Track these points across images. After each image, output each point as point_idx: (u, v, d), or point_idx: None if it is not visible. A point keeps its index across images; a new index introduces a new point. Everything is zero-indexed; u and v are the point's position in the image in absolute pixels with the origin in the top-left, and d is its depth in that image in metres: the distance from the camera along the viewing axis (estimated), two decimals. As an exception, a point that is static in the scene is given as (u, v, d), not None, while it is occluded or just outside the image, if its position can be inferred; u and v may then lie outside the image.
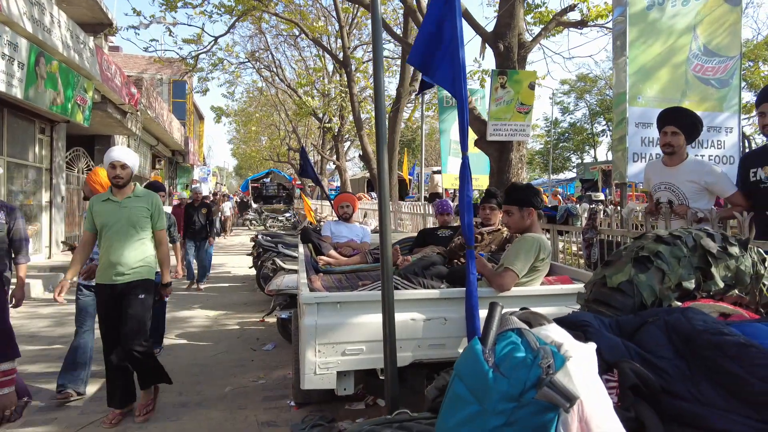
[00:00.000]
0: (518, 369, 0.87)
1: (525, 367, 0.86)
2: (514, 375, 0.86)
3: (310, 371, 2.51)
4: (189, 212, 8.77)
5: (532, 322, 1.10)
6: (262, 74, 20.05)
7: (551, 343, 0.93)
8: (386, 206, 2.10)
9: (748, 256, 1.64)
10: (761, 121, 2.91)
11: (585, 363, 0.90)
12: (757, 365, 1.15)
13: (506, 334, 0.98)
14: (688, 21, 4.70)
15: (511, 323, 1.03)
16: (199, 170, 32.49)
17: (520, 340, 0.96)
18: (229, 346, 5.66)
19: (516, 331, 0.99)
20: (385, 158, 2.04)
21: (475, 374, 0.91)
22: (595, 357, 1.00)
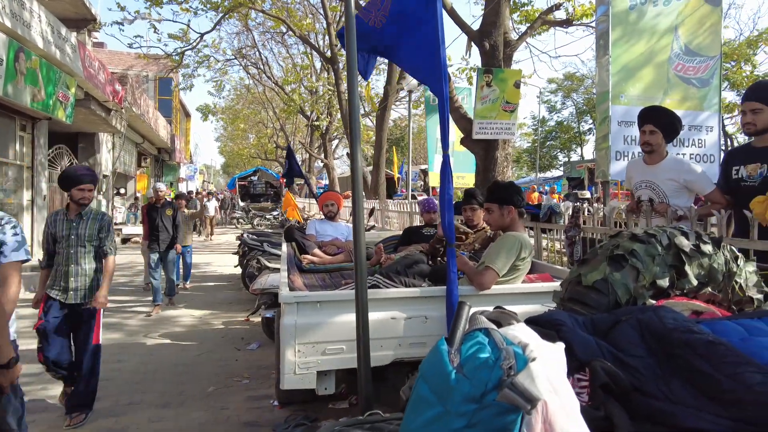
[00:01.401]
0: (480, 370, 0.86)
1: (487, 369, 0.85)
2: (476, 376, 0.85)
3: (290, 371, 2.50)
4: (150, 215, 7.30)
5: (501, 322, 1.09)
6: (249, 71, 19.91)
7: (518, 343, 0.93)
8: (360, 206, 2.09)
9: (721, 254, 1.66)
10: (743, 119, 2.94)
11: (551, 364, 0.89)
12: (724, 363, 1.15)
13: (473, 334, 0.97)
14: (670, 21, 4.74)
15: (479, 323, 1.03)
16: (185, 168, 32.21)
17: (486, 340, 0.95)
18: (214, 345, 5.61)
19: (483, 331, 0.99)
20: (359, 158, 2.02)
21: (438, 375, 0.90)
22: (564, 357, 0.99)
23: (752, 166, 2.94)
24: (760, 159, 2.91)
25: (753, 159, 2.94)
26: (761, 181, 2.88)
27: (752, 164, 2.94)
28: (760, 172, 2.89)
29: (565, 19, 8.02)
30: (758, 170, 2.91)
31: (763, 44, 14.73)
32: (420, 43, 2.73)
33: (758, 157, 2.92)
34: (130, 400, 4.10)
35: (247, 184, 25.81)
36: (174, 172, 28.15)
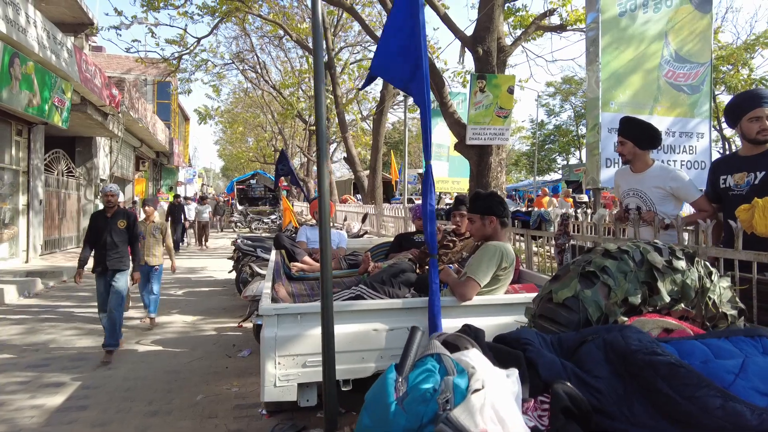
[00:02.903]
0: (417, 403, 0.85)
1: (424, 402, 0.84)
2: (413, 410, 0.84)
3: (270, 383, 2.48)
4: (94, 227, 5.48)
5: (459, 345, 1.08)
6: (246, 75, 19.93)
7: (468, 369, 0.91)
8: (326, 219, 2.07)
9: (694, 270, 1.64)
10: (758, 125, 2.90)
11: (498, 392, 0.88)
12: (684, 385, 1.14)
13: (424, 360, 0.96)
14: (660, 28, 4.73)
15: (432, 348, 1.01)
16: (184, 172, 32.21)
17: (438, 367, 0.94)
18: (205, 352, 5.59)
19: (435, 357, 0.97)
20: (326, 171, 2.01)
21: (379, 406, 0.89)
22: (516, 384, 0.98)
23: (739, 175, 2.93)
24: (746, 168, 2.90)
25: (739, 168, 2.94)
26: (748, 190, 2.86)
27: (739, 173, 2.93)
28: (747, 181, 2.88)
29: (559, 24, 8.02)
30: (745, 179, 2.90)
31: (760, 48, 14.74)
32: (402, 51, 2.73)
33: (745, 165, 2.91)
34: (118, 408, 4.08)
35: (245, 188, 25.81)
36: (172, 175, 28.15)
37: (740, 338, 1.36)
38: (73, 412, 3.95)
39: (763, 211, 2.30)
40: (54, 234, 11.76)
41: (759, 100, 2.90)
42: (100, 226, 5.45)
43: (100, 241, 5.36)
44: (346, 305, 2.66)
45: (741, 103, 2.96)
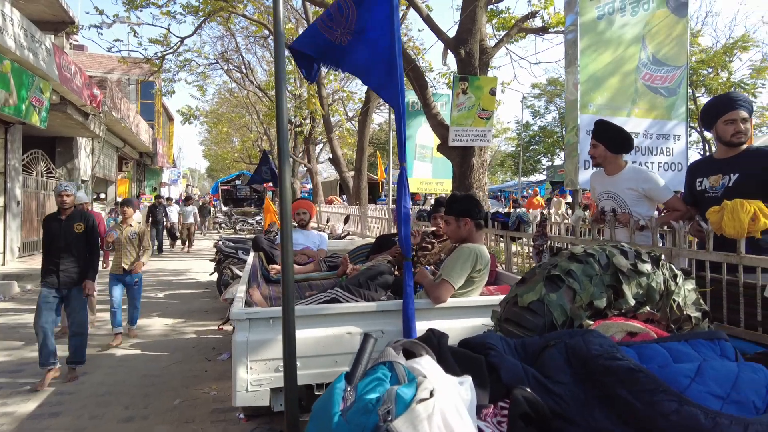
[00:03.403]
0: (359, 414, 0.83)
1: (366, 413, 0.82)
2: (355, 421, 0.82)
3: (242, 388, 2.45)
4: (49, 230, 4.75)
5: (415, 352, 1.07)
6: (231, 75, 19.79)
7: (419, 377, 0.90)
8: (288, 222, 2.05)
9: (660, 273, 1.65)
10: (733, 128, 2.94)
11: (446, 401, 0.86)
12: (642, 390, 1.14)
13: (376, 369, 0.95)
14: (637, 31, 4.78)
15: (385, 355, 1.00)
16: (169, 172, 31.89)
17: (389, 375, 0.93)
18: (185, 355, 5.52)
19: (387, 365, 0.96)
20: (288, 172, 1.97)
21: (323, 417, 0.87)
22: (470, 392, 0.97)
23: (714, 178, 2.96)
24: (721, 170, 2.93)
25: (715, 170, 2.97)
26: (723, 192, 2.89)
27: (714, 175, 2.97)
28: (722, 183, 2.91)
29: (541, 27, 8.08)
30: (720, 181, 2.93)
31: (738, 51, 15.01)
32: (377, 54, 2.71)
33: (720, 168, 2.94)
34: (92, 414, 4.01)
35: (230, 189, 25.61)
36: (156, 176, 27.85)
37: (700, 341, 1.36)
38: (46, 419, 3.87)
39: (732, 213, 2.33)
40: (33, 236, 11.54)
41: (734, 102, 2.94)
42: (54, 231, 4.71)
43: (53, 249, 4.66)
44: (320, 309, 2.64)
45: (716, 105, 3.00)
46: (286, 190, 1.99)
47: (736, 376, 1.19)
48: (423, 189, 10.01)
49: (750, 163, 2.80)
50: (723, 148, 2.97)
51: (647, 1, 4.81)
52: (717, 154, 3.03)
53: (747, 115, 2.88)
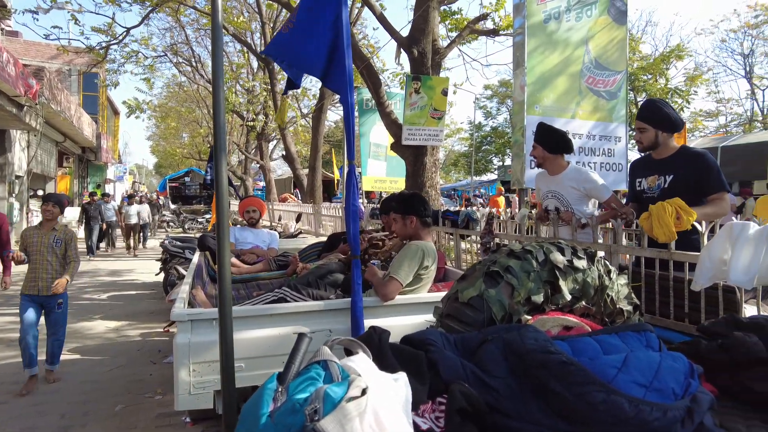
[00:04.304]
0: (286, 415, 0.82)
1: (293, 413, 0.81)
2: (282, 421, 0.81)
3: (184, 391, 2.38)
4: None
5: (351, 350, 1.06)
6: (181, 69, 19.14)
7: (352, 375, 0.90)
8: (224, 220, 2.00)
9: (594, 269, 1.72)
10: (637, 136, 3.10)
11: (379, 399, 0.86)
12: (573, 383, 1.18)
13: (309, 368, 0.94)
14: (581, 35, 4.97)
15: (319, 354, 0.99)
16: (114, 169, 30.53)
17: (323, 374, 0.92)
18: (129, 359, 5.30)
19: (322, 364, 0.95)
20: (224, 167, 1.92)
21: (251, 418, 0.86)
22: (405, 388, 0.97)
23: (651, 178, 3.08)
24: (657, 171, 3.05)
25: (652, 171, 3.09)
26: (659, 193, 3.00)
27: (651, 176, 3.08)
28: (658, 184, 3.03)
29: (492, 29, 8.25)
30: (656, 182, 3.05)
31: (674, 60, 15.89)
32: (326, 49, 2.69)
33: (656, 169, 3.06)
34: (23, 426, 3.78)
35: (179, 186, 24.76)
36: (101, 172, 26.59)
37: (628, 333, 1.43)
38: None
39: (658, 218, 2.44)
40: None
41: (639, 112, 3.11)
42: None
43: None
44: (266, 309, 2.59)
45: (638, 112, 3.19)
46: (223, 187, 1.94)
47: (658, 366, 1.26)
48: (377, 187, 10.03)
49: (683, 165, 2.92)
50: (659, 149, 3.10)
51: (590, 8, 5.00)
52: (654, 154, 3.13)
53: (644, 125, 3.02)
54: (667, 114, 2.98)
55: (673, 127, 2.99)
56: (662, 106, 3.05)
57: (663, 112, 2.99)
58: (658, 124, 2.99)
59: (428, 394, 1.25)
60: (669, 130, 2.99)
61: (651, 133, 3.01)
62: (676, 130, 3.01)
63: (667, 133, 3.00)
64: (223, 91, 1.97)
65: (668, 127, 2.98)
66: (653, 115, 3.00)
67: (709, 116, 26.34)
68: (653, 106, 3.06)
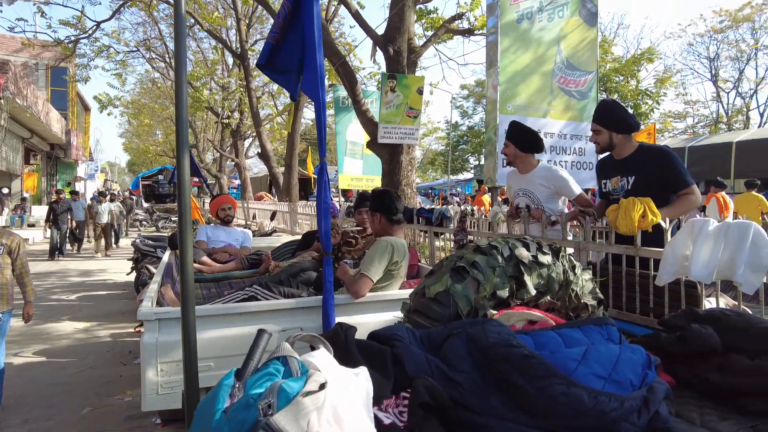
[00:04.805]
0: (240, 410, 0.82)
1: (247, 408, 0.81)
2: (236, 417, 0.81)
3: (152, 391, 2.34)
4: None
5: (314, 346, 1.06)
6: (154, 65, 18.77)
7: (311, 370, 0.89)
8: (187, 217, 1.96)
9: (559, 264, 1.75)
10: (593, 137, 3.14)
11: (338, 394, 0.86)
12: (535, 376, 1.20)
13: (269, 364, 0.93)
14: (553, 36, 5.05)
15: (279, 350, 0.98)
16: (85, 166, 29.77)
17: (282, 370, 0.91)
18: (98, 360, 5.18)
19: (281, 360, 0.94)
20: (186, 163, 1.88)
21: (206, 414, 0.85)
22: (366, 383, 0.98)
23: (614, 180, 3.10)
24: (619, 172, 3.07)
25: (614, 172, 3.11)
26: (624, 194, 2.99)
27: (614, 177, 3.10)
28: (622, 185, 3.05)
29: (467, 28, 8.31)
30: (619, 183, 3.06)
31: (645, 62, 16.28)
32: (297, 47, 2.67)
33: (618, 169, 3.08)
34: (-18, 432, 3.66)
35: (152, 184, 24.28)
36: (71, 170, 25.90)
37: (590, 327, 1.46)
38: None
39: (625, 211, 2.50)
40: None
41: (594, 114, 3.12)
42: None
43: None
44: (236, 307, 2.56)
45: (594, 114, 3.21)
46: (185, 184, 1.90)
47: (617, 358, 1.29)
48: (354, 185, 9.99)
49: (644, 164, 2.94)
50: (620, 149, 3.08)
51: (562, 9, 5.08)
52: (614, 154, 3.13)
53: (598, 127, 3.05)
54: (620, 116, 2.98)
55: (627, 129, 2.99)
56: (614, 107, 3.05)
57: (615, 114, 2.99)
58: (611, 126, 2.99)
59: (392, 389, 1.26)
60: (623, 131, 2.99)
61: (605, 134, 3.03)
62: (630, 131, 3.01)
63: (622, 134, 3.00)
64: (185, 85, 1.94)
65: (621, 128, 2.98)
66: (606, 117, 3.01)
67: (677, 117, 27.09)
68: (606, 108, 3.06)
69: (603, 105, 3.12)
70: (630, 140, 3.05)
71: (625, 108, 3.14)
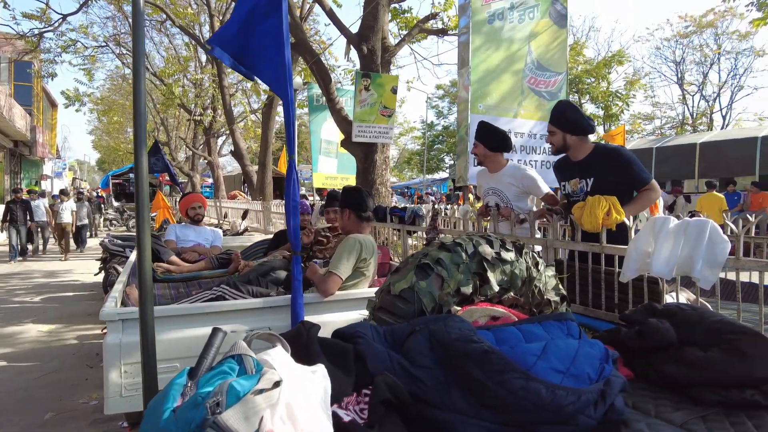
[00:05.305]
0: (189, 409, 0.80)
1: (195, 407, 0.80)
2: (183, 416, 0.80)
3: (115, 394, 2.28)
4: None
5: (272, 344, 1.05)
6: (124, 60, 18.33)
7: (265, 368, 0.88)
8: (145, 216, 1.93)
9: (522, 261, 1.78)
10: (548, 138, 3.18)
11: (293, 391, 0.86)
12: (495, 371, 1.22)
13: (223, 362, 0.92)
14: (524, 36, 5.12)
15: (234, 348, 0.97)
16: (52, 164, 28.88)
17: (237, 368, 0.90)
18: (63, 363, 5.03)
19: (236, 358, 0.93)
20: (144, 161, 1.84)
21: (155, 413, 0.83)
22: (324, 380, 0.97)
23: (573, 182, 3.11)
24: (578, 173, 3.08)
25: (572, 173, 3.12)
26: (583, 197, 2.97)
27: (573, 179, 3.11)
28: (581, 187, 3.06)
29: (441, 28, 8.36)
30: (578, 185, 3.08)
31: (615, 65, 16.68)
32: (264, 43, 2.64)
33: (576, 171, 3.09)
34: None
35: (122, 182, 23.71)
36: (36, 168, 25.10)
37: (551, 323, 1.48)
38: None
39: (590, 209, 2.55)
40: None
41: (550, 115, 3.12)
42: None
43: None
44: (203, 307, 2.52)
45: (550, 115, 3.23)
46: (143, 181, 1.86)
47: (576, 352, 1.31)
48: (328, 184, 9.96)
49: (600, 165, 2.96)
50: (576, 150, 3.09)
51: (532, 10, 5.15)
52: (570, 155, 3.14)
53: (553, 128, 3.07)
54: (573, 118, 3.00)
55: (581, 131, 3.01)
56: (568, 109, 3.07)
57: (568, 116, 3.01)
58: (565, 127, 3.01)
59: (354, 386, 1.26)
60: (576, 133, 3.01)
61: (559, 136, 3.05)
62: (584, 133, 3.02)
63: (576, 136, 3.02)
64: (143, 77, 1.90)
65: (575, 130, 3.00)
66: (560, 119, 3.03)
67: (646, 119, 27.81)
68: (560, 109, 3.08)
69: (558, 106, 3.13)
70: (585, 142, 3.07)
71: (580, 110, 3.16)
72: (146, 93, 10.27)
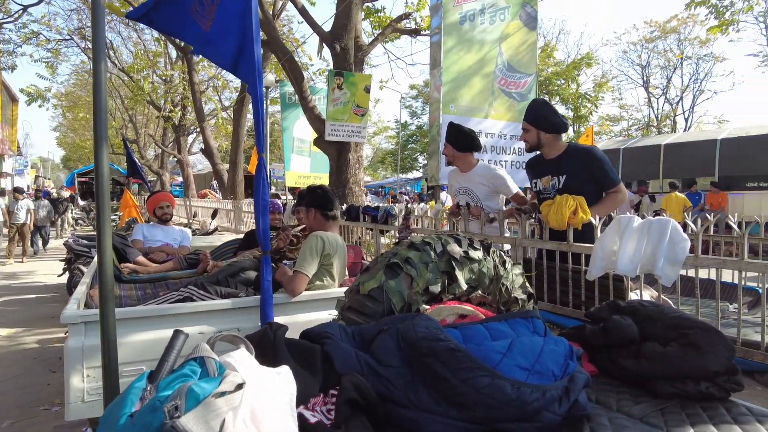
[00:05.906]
0: (146, 413, 0.79)
1: (153, 411, 0.78)
2: (141, 420, 0.78)
3: (77, 399, 2.21)
4: None
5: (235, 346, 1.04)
6: (89, 54, 17.78)
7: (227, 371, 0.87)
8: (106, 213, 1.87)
9: (490, 259, 1.80)
10: (522, 135, 3.24)
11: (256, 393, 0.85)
12: (460, 368, 1.23)
13: (185, 365, 0.90)
14: (495, 38, 5.19)
15: (196, 351, 0.95)
16: (12, 161, 27.81)
17: (199, 371, 0.89)
18: (23, 369, 4.85)
19: (198, 360, 0.92)
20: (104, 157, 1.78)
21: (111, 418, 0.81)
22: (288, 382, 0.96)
23: (545, 179, 3.16)
24: (550, 171, 3.13)
25: (545, 171, 3.16)
26: (555, 194, 3.04)
27: (545, 177, 3.16)
28: (552, 185, 3.11)
29: (414, 28, 8.40)
30: (550, 183, 3.13)
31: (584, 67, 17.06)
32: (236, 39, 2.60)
33: (548, 169, 3.14)
34: None
35: (89, 181, 23.04)
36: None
37: (517, 320, 1.51)
38: None
39: (558, 207, 2.60)
40: None
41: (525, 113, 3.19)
42: None
43: None
44: (169, 308, 2.47)
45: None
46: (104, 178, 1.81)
47: (541, 350, 1.34)
48: (301, 183, 9.88)
49: (573, 164, 3.03)
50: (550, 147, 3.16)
51: (503, 12, 5.22)
52: (544, 153, 3.19)
53: (527, 126, 3.14)
54: (546, 115, 3.06)
55: (554, 129, 3.07)
56: (542, 107, 3.13)
57: (542, 114, 3.07)
58: (539, 125, 3.07)
59: (321, 387, 1.25)
60: (550, 131, 3.07)
61: (533, 133, 3.11)
62: (558, 131, 3.09)
63: (550, 134, 3.08)
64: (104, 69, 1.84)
65: (549, 128, 3.06)
66: (534, 116, 3.09)
67: (613, 121, 28.52)
68: (534, 107, 3.14)
69: (533, 104, 3.19)
70: (559, 140, 3.14)
71: (554, 109, 3.22)
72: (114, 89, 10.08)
